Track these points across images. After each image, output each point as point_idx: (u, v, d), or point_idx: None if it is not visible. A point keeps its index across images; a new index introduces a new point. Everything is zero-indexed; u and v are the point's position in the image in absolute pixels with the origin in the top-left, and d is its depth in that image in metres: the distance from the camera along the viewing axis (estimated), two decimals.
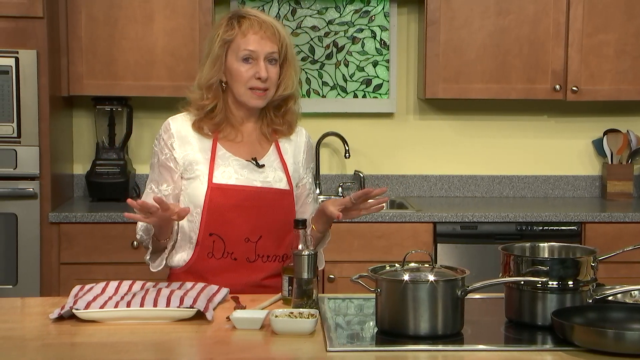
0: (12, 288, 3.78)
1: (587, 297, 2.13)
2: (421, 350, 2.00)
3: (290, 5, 4.43)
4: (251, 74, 2.48)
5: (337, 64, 4.48)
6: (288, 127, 2.59)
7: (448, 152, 4.53)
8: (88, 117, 4.36)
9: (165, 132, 2.53)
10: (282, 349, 2.02)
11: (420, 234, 3.93)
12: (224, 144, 2.53)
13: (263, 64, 2.47)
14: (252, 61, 2.48)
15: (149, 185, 2.56)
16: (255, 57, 2.47)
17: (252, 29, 2.48)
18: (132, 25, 4.05)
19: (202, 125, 2.52)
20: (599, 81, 4.19)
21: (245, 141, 2.56)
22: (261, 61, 2.48)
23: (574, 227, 3.97)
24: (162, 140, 2.53)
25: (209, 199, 2.47)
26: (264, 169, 2.53)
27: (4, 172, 3.78)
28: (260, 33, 2.48)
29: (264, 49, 2.48)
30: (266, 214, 2.50)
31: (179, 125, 2.53)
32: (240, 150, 2.54)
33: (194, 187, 2.49)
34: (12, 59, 3.74)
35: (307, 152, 2.66)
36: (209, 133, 2.52)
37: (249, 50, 2.47)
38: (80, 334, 2.10)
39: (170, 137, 2.51)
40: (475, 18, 4.16)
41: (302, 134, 2.66)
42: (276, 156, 2.58)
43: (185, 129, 2.53)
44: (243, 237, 2.48)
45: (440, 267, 2.15)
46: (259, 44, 2.48)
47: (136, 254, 3.81)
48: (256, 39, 2.48)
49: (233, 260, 2.49)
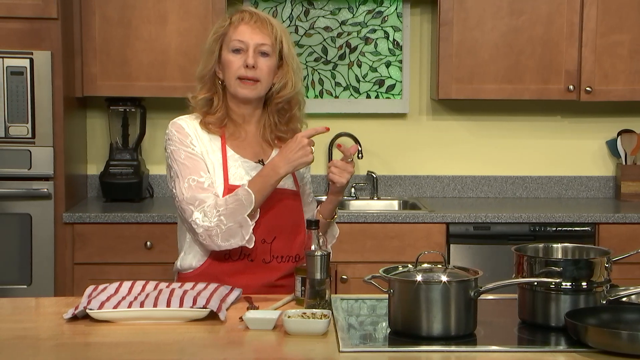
0: (26, 288, 3.80)
1: (601, 298, 2.12)
2: (434, 351, 1.99)
3: (303, 6, 4.43)
4: (240, 63, 2.47)
5: (350, 65, 4.48)
6: (292, 134, 2.55)
7: (461, 152, 4.52)
8: (102, 117, 4.38)
9: (180, 132, 2.48)
10: (295, 349, 2.02)
11: (433, 235, 3.92)
12: (232, 144, 2.53)
13: (252, 53, 2.47)
14: (243, 52, 2.48)
15: (189, 178, 2.41)
16: (245, 47, 2.47)
17: (244, 20, 2.50)
18: (145, 26, 4.06)
19: (207, 121, 2.51)
20: (612, 81, 4.18)
21: (250, 140, 2.56)
22: (250, 50, 2.47)
23: (587, 227, 3.95)
24: (178, 140, 2.47)
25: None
26: None
27: (19, 172, 3.80)
28: (251, 23, 2.49)
29: (253, 39, 2.47)
30: (279, 215, 2.50)
31: (189, 124, 2.51)
32: (246, 152, 2.54)
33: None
34: (27, 60, 3.76)
35: None
36: (215, 130, 2.51)
37: (238, 39, 2.47)
38: (94, 334, 2.11)
39: (186, 135, 2.48)
40: (488, 18, 4.15)
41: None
42: None
43: (194, 128, 2.51)
44: (259, 238, 2.47)
45: (453, 268, 2.15)
46: (249, 34, 2.48)
47: (149, 254, 3.83)
48: (247, 30, 2.48)
49: (250, 261, 2.48)
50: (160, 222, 3.85)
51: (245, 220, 2.38)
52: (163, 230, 3.84)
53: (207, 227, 2.38)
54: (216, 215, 2.37)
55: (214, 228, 2.38)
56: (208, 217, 2.37)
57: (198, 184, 2.41)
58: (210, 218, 2.37)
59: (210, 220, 2.37)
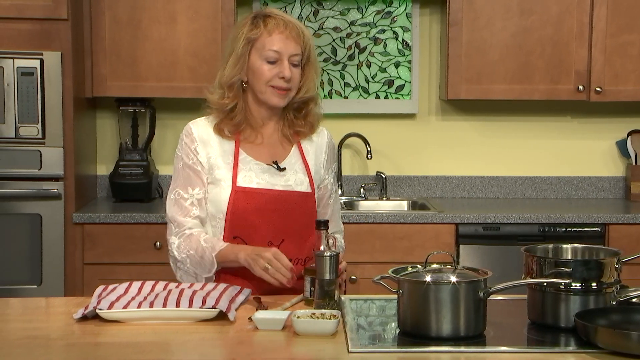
0: (36, 288, 3.81)
1: (611, 299, 2.11)
2: (443, 352, 1.99)
3: (313, 7, 4.43)
4: (274, 73, 2.48)
5: (359, 65, 4.48)
6: (310, 128, 2.60)
7: (470, 153, 4.51)
8: (111, 118, 4.39)
9: (187, 136, 2.53)
10: (304, 349, 2.02)
11: (442, 235, 3.92)
12: (245, 147, 2.54)
13: (287, 64, 2.48)
14: (276, 61, 2.48)
15: (175, 191, 2.52)
16: (279, 57, 2.48)
17: (278, 28, 2.48)
18: (155, 27, 4.07)
19: (222, 127, 2.53)
20: (622, 82, 4.16)
21: (265, 143, 2.56)
22: (285, 61, 2.48)
23: (597, 228, 3.94)
24: (184, 144, 2.53)
25: (233, 201, 2.47)
26: (285, 172, 2.53)
27: (29, 173, 3.82)
28: (286, 33, 2.48)
29: (288, 49, 2.48)
30: (288, 217, 2.50)
31: (200, 128, 2.54)
32: (261, 154, 2.54)
33: (217, 191, 2.50)
34: (37, 61, 3.77)
35: (328, 153, 2.66)
36: (229, 135, 2.53)
37: (274, 50, 2.47)
38: (104, 334, 2.11)
39: (192, 141, 2.52)
40: (497, 19, 4.15)
41: (324, 134, 2.66)
42: (298, 157, 2.58)
43: (206, 133, 2.53)
44: (266, 241, 2.47)
45: (463, 269, 2.15)
46: (284, 44, 2.48)
47: (159, 254, 3.83)
48: (281, 39, 2.48)
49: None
50: None
51: (202, 277, 2.47)
52: None
53: (175, 257, 2.50)
54: (185, 253, 2.47)
55: (179, 261, 2.50)
56: (180, 249, 2.47)
57: (180, 199, 2.50)
58: (180, 252, 2.48)
59: (180, 253, 2.48)
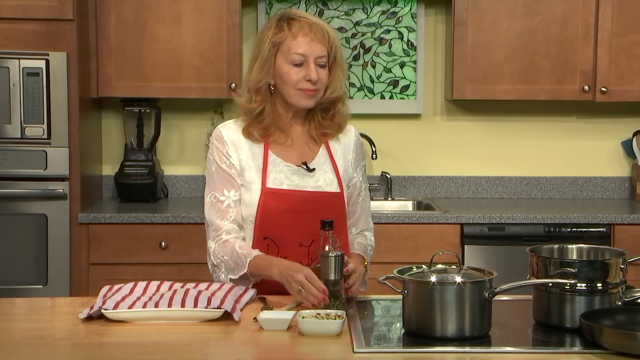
0: (42, 288, 3.82)
1: (616, 300, 2.11)
2: (448, 352, 1.99)
3: (318, 7, 4.44)
4: (301, 76, 2.46)
5: (364, 65, 4.48)
6: (337, 128, 2.58)
7: (475, 153, 4.51)
8: (117, 118, 4.39)
9: (218, 140, 2.53)
10: (309, 350, 2.02)
11: (447, 236, 3.92)
12: (275, 148, 2.53)
13: (313, 66, 2.46)
14: (302, 63, 2.47)
15: (211, 194, 2.51)
16: (305, 60, 2.46)
17: (302, 31, 2.47)
18: (160, 27, 4.07)
19: (251, 130, 2.52)
20: (628, 82, 4.16)
21: (294, 144, 2.55)
22: (311, 63, 2.46)
23: (602, 228, 3.94)
24: (215, 148, 2.53)
25: (263, 203, 2.47)
26: (314, 172, 2.53)
27: (34, 173, 3.82)
28: (311, 35, 2.47)
29: (313, 51, 2.46)
30: (318, 218, 2.46)
31: (231, 132, 2.54)
32: (290, 155, 2.54)
33: (248, 193, 2.49)
34: (43, 61, 3.78)
35: (356, 151, 2.64)
36: (258, 138, 2.52)
37: (299, 53, 2.46)
38: (109, 334, 2.12)
39: (224, 144, 2.52)
40: (503, 19, 4.14)
41: (352, 132, 2.65)
42: (327, 158, 2.57)
43: (237, 136, 2.53)
44: (297, 242, 2.48)
45: (468, 269, 2.15)
46: (309, 46, 2.46)
47: (164, 254, 3.84)
48: (306, 41, 2.46)
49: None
50: (175, 223, 3.86)
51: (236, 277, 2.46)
52: (178, 230, 3.85)
53: (212, 261, 2.51)
54: (220, 258, 2.48)
55: (216, 265, 2.51)
56: (216, 253, 2.48)
57: (217, 202, 2.50)
58: (216, 257, 2.49)
59: (215, 258, 2.49)
